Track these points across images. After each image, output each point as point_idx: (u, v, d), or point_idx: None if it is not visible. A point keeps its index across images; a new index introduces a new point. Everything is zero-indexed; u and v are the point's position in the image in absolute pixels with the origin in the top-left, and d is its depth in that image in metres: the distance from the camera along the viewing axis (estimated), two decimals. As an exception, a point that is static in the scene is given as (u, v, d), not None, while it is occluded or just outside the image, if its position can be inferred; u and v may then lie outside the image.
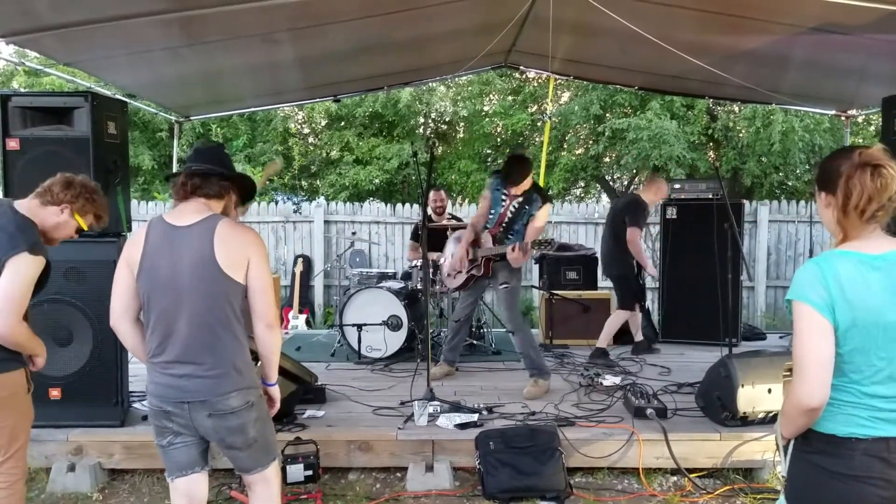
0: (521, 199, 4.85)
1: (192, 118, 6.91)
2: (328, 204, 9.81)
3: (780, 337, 7.17)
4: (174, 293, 2.38)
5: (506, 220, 4.88)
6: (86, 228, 2.85)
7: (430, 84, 12.14)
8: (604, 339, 5.99)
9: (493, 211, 4.96)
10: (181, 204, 2.48)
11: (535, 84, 13.39)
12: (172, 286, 2.37)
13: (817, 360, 1.76)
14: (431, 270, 5.22)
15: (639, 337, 6.37)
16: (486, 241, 4.97)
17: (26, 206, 2.72)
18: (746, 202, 8.99)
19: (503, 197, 4.90)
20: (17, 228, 2.61)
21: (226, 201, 2.59)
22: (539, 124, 12.88)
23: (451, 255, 5.28)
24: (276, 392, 2.65)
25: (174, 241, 2.40)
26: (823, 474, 1.82)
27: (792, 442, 1.92)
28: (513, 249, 4.61)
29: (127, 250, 2.45)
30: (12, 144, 3.98)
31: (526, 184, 4.80)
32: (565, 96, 13.64)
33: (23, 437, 2.78)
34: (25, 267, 2.55)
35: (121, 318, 2.48)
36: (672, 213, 6.66)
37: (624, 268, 6.07)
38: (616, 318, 6.08)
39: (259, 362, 2.62)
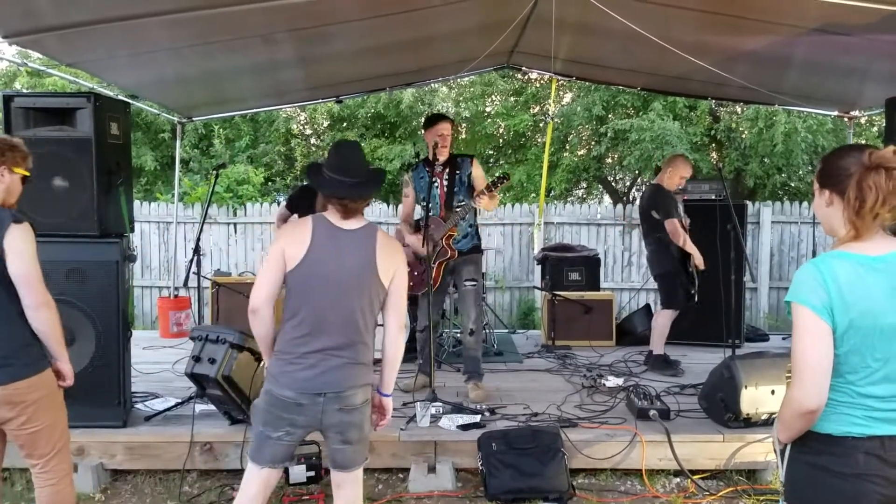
0: (448, 169, 4.81)
1: (194, 119, 6.94)
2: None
3: (783, 338, 7.16)
4: (334, 290, 2.54)
5: (445, 196, 4.79)
6: (28, 174, 2.81)
7: (433, 85, 12.13)
8: (658, 345, 5.65)
9: (425, 200, 4.79)
10: (333, 213, 2.62)
11: (538, 85, 13.38)
12: (334, 283, 2.54)
13: (815, 363, 1.77)
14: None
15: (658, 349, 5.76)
16: (436, 227, 4.79)
17: None
18: (749, 203, 8.97)
19: (432, 179, 4.75)
20: None
21: None
22: (541, 125, 12.88)
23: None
24: (389, 403, 2.78)
25: (340, 242, 2.57)
26: (822, 473, 1.82)
27: (789, 446, 1.92)
28: (479, 196, 4.58)
29: (285, 241, 2.57)
30: (15, 145, 3.99)
31: (445, 152, 4.80)
32: (567, 97, 13.63)
33: (65, 433, 2.86)
34: (19, 238, 2.60)
35: (266, 303, 2.58)
36: (675, 213, 6.62)
37: (664, 264, 5.66)
38: (663, 319, 5.67)
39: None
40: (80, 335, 4.00)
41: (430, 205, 4.71)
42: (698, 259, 5.55)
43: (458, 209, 4.74)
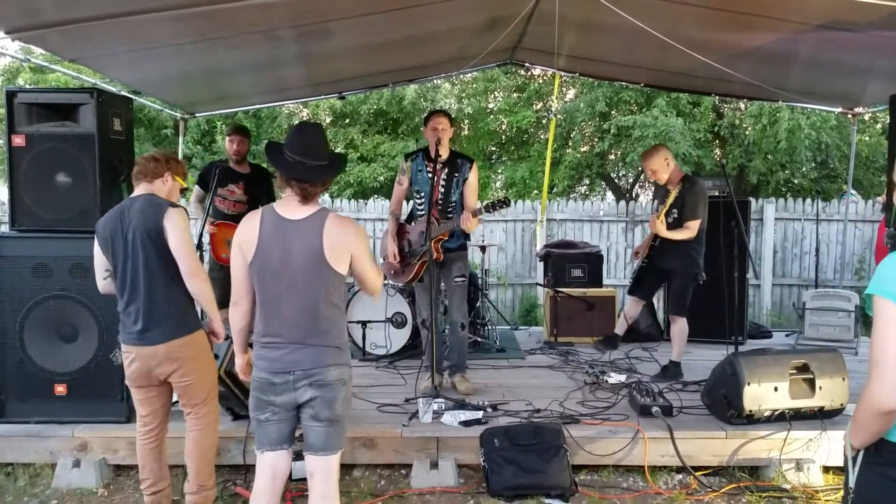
0: (447, 169, 4.76)
1: (196, 115, 6.93)
2: (333, 201, 9.81)
3: (787, 335, 7.15)
4: (285, 280, 2.59)
5: (440, 196, 4.74)
6: (185, 184, 3.40)
7: (435, 81, 12.12)
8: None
9: (421, 194, 4.81)
10: (292, 198, 2.64)
11: (541, 81, 13.36)
12: (283, 274, 2.59)
13: None
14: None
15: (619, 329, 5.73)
16: (419, 228, 4.80)
17: (142, 190, 3.25)
18: (752, 200, 8.95)
19: (429, 174, 4.73)
20: (150, 201, 3.18)
21: None
22: (544, 121, 12.86)
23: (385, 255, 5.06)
24: None
25: (286, 233, 2.59)
26: None
27: (861, 453, 1.79)
28: (466, 219, 4.51)
29: (239, 238, 2.66)
30: (18, 141, 3.99)
31: (446, 149, 4.78)
32: (570, 93, 13.62)
33: (214, 387, 3.38)
34: (177, 219, 3.12)
35: (243, 297, 2.72)
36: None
37: None
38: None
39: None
40: (84, 330, 4.03)
41: (426, 202, 4.71)
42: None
43: (451, 216, 4.72)
